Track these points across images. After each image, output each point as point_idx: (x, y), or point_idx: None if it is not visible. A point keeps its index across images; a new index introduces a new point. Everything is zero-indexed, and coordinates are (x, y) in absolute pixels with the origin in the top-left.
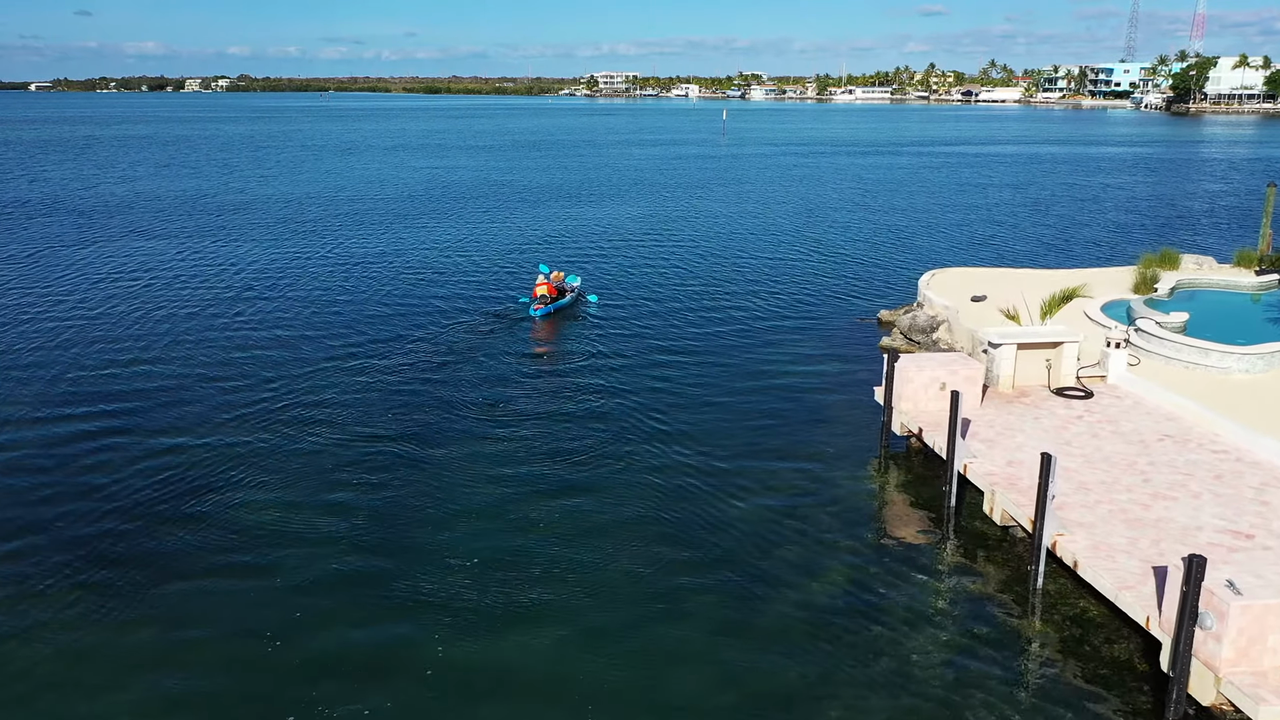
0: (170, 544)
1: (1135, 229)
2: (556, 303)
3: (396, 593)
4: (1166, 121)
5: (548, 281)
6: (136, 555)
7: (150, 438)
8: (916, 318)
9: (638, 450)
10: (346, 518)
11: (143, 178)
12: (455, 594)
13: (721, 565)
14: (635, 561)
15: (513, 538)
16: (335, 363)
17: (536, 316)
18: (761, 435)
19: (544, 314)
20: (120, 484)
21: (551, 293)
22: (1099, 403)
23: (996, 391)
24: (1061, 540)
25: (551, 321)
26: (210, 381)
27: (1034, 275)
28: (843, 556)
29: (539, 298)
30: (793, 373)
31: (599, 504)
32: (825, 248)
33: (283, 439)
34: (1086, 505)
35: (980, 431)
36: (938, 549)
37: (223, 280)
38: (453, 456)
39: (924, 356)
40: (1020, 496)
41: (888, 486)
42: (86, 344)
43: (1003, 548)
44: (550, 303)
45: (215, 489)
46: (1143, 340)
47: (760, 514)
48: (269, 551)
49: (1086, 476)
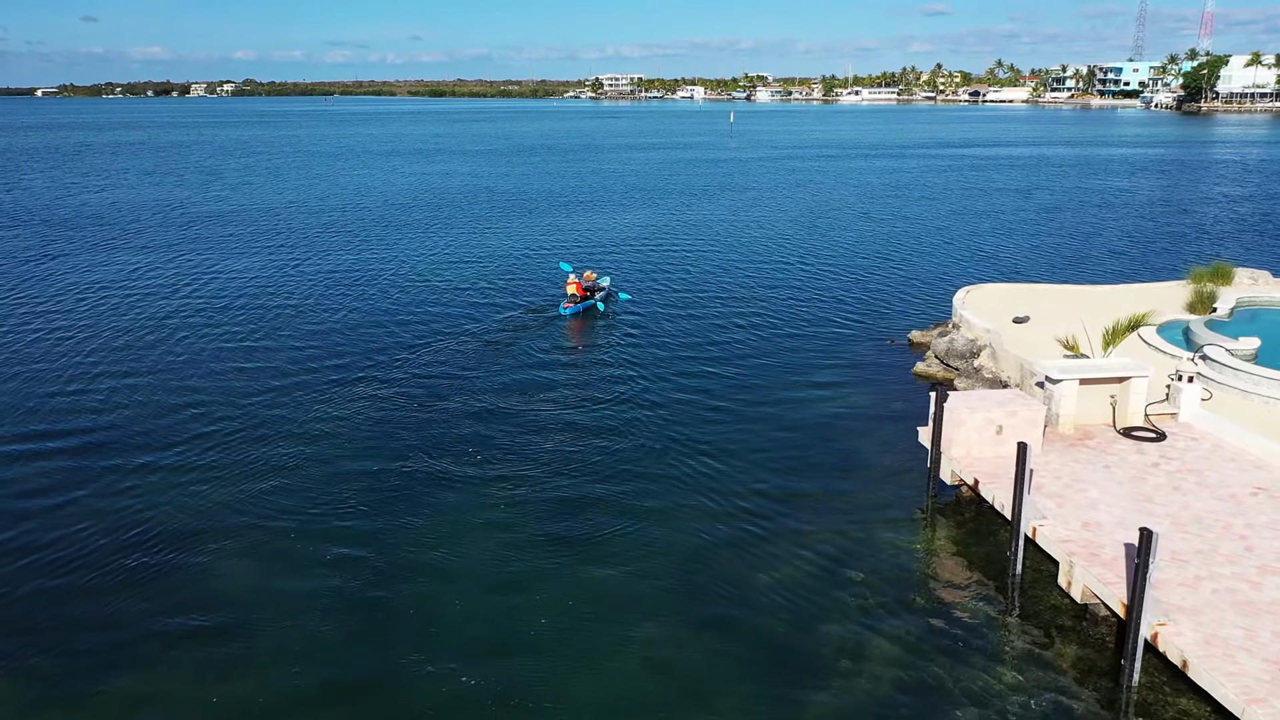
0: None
1: (1168, 238)
2: (585, 302)
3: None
4: (1178, 121)
5: (578, 281)
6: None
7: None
8: (954, 341)
9: (654, 502)
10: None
11: (122, 186)
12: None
13: (751, 643)
14: (654, 646)
15: (508, 614)
16: (357, 370)
17: (566, 315)
18: (789, 480)
19: (573, 313)
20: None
21: (580, 292)
22: (1173, 446)
23: (1056, 432)
24: (1164, 632)
25: (581, 320)
26: (194, 395)
27: (1077, 293)
28: (890, 634)
29: (569, 296)
30: (819, 406)
31: (612, 571)
32: (843, 259)
33: (292, 455)
34: (1186, 583)
35: (1045, 483)
36: (1002, 627)
37: (196, 295)
38: (460, 480)
39: (976, 395)
40: (1106, 572)
41: (937, 545)
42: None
43: (1081, 629)
44: (579, 302)
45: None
46: (1212, 370)
47: (793, 580)
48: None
49: (1178, 544)
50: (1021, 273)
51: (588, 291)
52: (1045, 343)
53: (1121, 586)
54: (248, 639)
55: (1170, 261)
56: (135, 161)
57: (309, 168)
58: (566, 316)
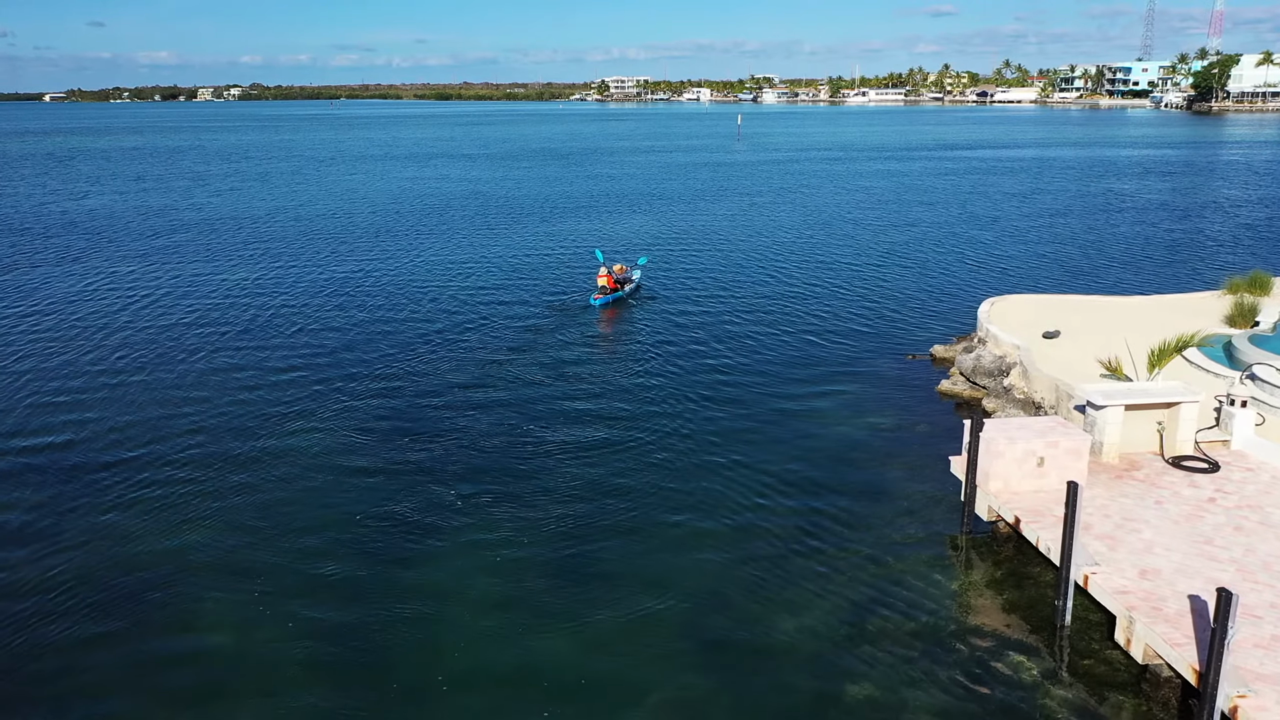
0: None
1: (1193, 244)
2: (615, 294)
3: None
4: (1189, 121)
5: (609, 274)
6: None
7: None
8: (981, 358)
9: (666, 534)
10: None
11: (105, 193)
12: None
13: (771, 701)
14: (664, 699)
15: (510, 639)
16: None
17: (596, 306)
18: (809, 512)
19: (603, 303)
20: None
21: (611, 284)
22: (1228, 477)
23: (1100, 463)
24: (1244, 705)
25: (613, 310)
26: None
27: (1107, 304)
28: (927, 693)
29: (600, 288)
30: (839, 429)
31: (622, 614)
32: (858, 267)
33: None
34: (1262, 644)
35: (1094, 523)
36: (1051, 685)
37: (173, 307)
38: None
39: (1015, 424)
40: (1172, 630)
41: (973, 588)
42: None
43: (1142, 691)
44: (609, 293)
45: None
46: (1263, 391)
47: (818, 629)
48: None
49: (1249, 597)
50: (1044, 281)
51: (618, 284)
52: (1079, 360)
53: (1191, 649)
54: (232, 670)
55: (1200, 269)
56: (124, 167)
57: (300, 173)
58: (596, 307)
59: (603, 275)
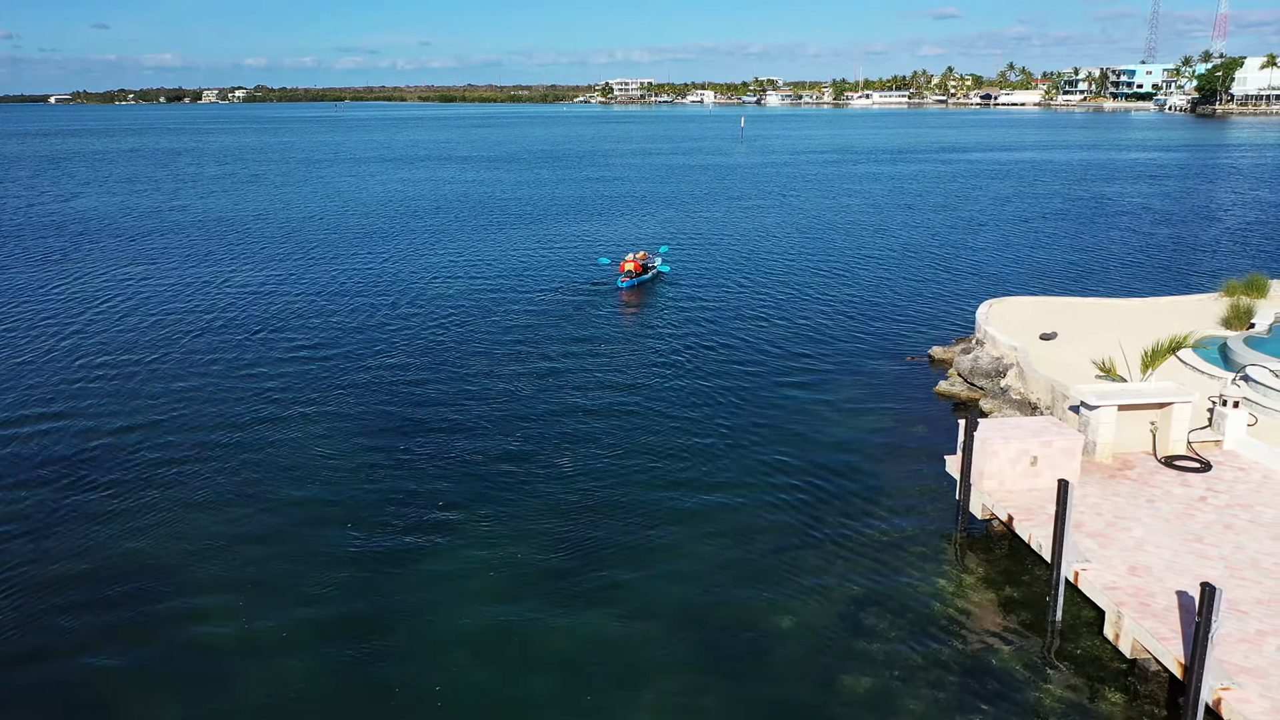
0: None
1: (1193, 247)
2: (640, 277)
3: None
4: (1194, 124)
5: (635, 259)
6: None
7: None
8: (979, 359)
9: (663, 533)
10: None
11: (94, 195)
12: None
13: (768, 696)
14: (663, 699)
15: (510, 649)
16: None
17: (623, 287)
18: (806, 509)
19: (629, 285)
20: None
21: (636, 269)
22: (1220, 477)
23: (1094, 462)
24: (1228, 698)
25: (637, 293)
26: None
27: (1105, 306)
28: (922, 688)
29: (625, 271)
30: (836, 429)
31: (620, 611)
32: (859, 269)
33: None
34: (1247, 639)
35: (1086, 521)
36: (1041, 679)
37: (164, 310)
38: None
39: (1009, 424)
40: (1160, 625)
41: (968, 585)
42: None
43: (1129, 685)
44: (634, 276)
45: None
46: (1255, 392)
47: (814, 624)
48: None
49: (1236, 592)
50: (1043, 284)
51: (643, 268)
52: (1075, 361)
53: (1177, 643)
54: (233, 667)
55: (1199, 272)
56: (117, 169)
57: (292, 175)
58: (624, 289)
59: (629, 260)
